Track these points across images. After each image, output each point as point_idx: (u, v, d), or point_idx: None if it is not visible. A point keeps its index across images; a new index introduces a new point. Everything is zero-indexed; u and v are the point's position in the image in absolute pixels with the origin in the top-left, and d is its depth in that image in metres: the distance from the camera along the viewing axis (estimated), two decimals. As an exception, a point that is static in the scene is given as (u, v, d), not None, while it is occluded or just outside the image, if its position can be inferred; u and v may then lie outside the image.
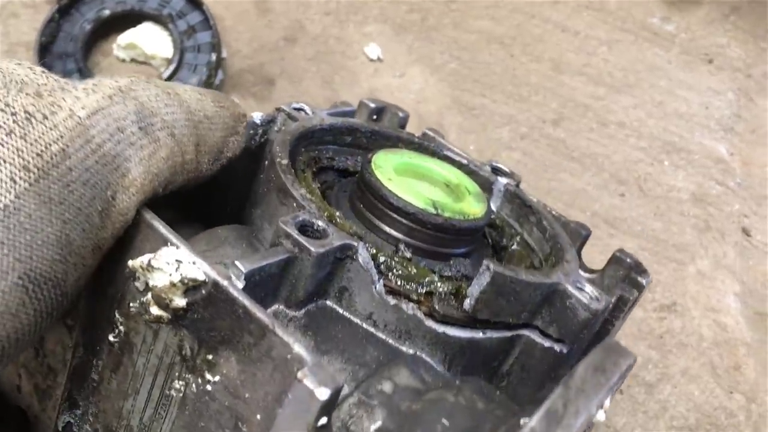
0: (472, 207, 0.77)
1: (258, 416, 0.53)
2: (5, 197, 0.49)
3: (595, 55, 1.81)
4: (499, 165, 0.94)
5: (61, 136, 0.53)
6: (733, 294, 1.56)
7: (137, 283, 0.54)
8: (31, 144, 0.51)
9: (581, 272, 0.86)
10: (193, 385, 0.57)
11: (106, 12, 1.56)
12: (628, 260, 0.83)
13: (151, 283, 0.53)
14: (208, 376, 0.56)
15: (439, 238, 0.73)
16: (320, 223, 0.64)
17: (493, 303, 0.67)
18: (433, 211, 0.72)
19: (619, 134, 1.72)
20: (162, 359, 0.59)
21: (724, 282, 1.58)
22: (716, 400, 1.43)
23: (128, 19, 1.57)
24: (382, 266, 0.66)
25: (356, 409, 0.58)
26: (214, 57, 1.53)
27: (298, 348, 0.50)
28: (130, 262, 0.55)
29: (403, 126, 1.00)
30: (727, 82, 1.85)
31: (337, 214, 0.69)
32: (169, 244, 0.56)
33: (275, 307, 0.63)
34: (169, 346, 0.58)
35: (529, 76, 1.75)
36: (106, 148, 0.56)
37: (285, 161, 0.72)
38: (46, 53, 1.52)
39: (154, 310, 0.54)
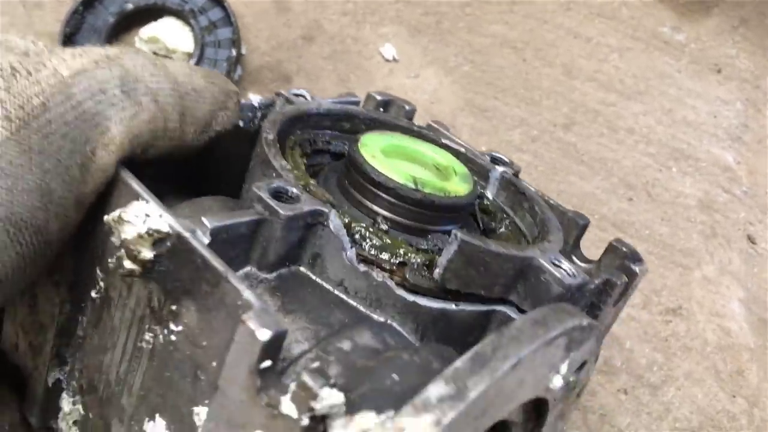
0: (457, 186, 0.78)
1: (214, 363, 0.55)
2: None
3: (607, 62, 1.84)
4: (499, 154, 0.95)
5: (43, 91, 0.57)
6: (737, 300, 1.59)
7: (113, 238, 0.57)
8: (14, 96, 0.55)
9: (578, 262, 0.87)
10: (160, 337, 0.60)
11: (130, 5, 1.59)
12: (624, 249, 0.83)
13: (122, 236, 0.56)
14: (172, 326, 0.59)
15: (419, 214, 0.74)
16: (294, 190, 0.66)
17: (462, 273, 0.67)
18: (412, 186, 0.74)
19: (628, 140, 1.75)
20: (135, 312, 0.62)
21: (729, 288, 1.60)
22: (719, 404, 1.45)
23: (151, 13, 1.60)
24: (356, 236, 0.68)
25: (312, 363, 0.59)
26: (234, 53, 1.56)
27: (248, 295, 0.53)
28: (105, 217, 0.58)
29: (409, 119, 1.01)
30: (735, 92, 1.88)
31: (312, 182, 0.72)
32: (139, 198, 0.60)
33: (247, 268, 0.65)
34: (140, 300, 0.61)
35: (541, 80, 1.78)
36: (87, 106, 0.59)
37: (270, 136, 0.74)
38: (70, 44, 1.54)
39: (127, 264, 0.56)
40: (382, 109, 1.00)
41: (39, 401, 0.73)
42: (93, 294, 0.65)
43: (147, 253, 0.56)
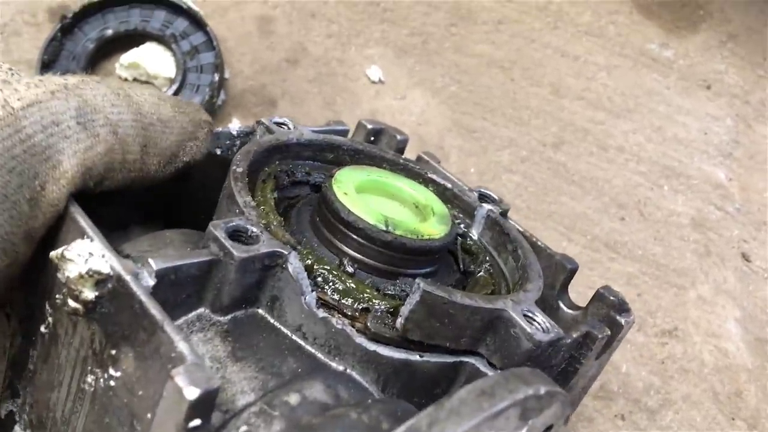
0: (431, 228, 0.75)
1: (148, 415, 0.53)
2: None
3: (595, 80, 1.82)
4: (487, 191, 0.92)
5: None
6: (733, 319, 1.56)
7: (59, 274, 0.55)
8: None
9: (565, 308, 0.84)
10: (101, 380, 0.57)
11: (109, 31, 1.56)
12: (612, 298, 0.80)
13: (65, 274, 0.54)
14: (111, 371, 0.56)
15: (390, 256, 0.71)
16: (254, 229, 0.63)
17: (425, 324, 0.64)
18: (383, 227, 0.71)
19: (618, 158, 1.72)
20: (78, 352, 0.60)
21: (724, 307, 1.57)
22: (718, 427, 1.41)
23: (131, 39, 1.57)
24: (319, 278, 0.65)
25: (255, 418, 0.56)
26: (216, 78, 1.53)
27: (182, 347, 0.50)
28: (51, 253, 0.56)
29: (401, 149, 0.98)
30: (725, 108, 1.87)
31: (277, 220, 0.69)
32: (84, 236, 0.57)
33: (200, 310, 0.63)
34: (84, 340, 0.59)
35: (529, 99, 1.76)
36: (37, 139, 0.57)
37: (240, 169, 0.71)
38: (48, 71, 1.52)
39: (70, 302, 0.54)
40: (372, 138, 0.98)
41: None
42: (42, 329, 0.63)
43: (88, 294, 0.54)
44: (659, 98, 1.84)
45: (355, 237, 0.70)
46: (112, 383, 0.56)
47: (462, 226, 0.87)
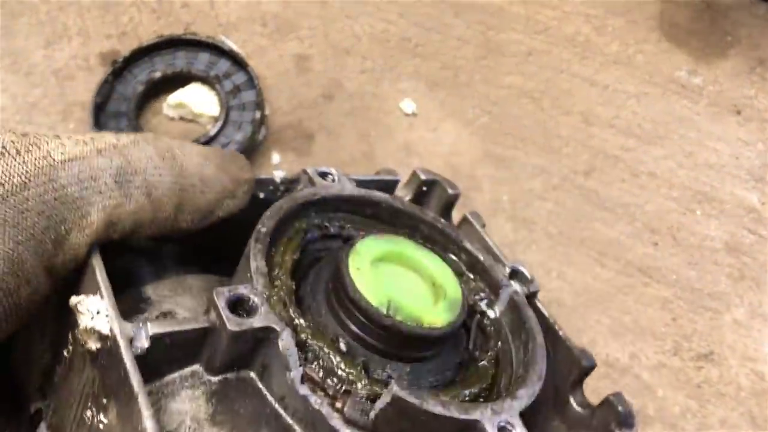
0: (437, 315, 0.73)
1: None
2: None
3: (624, 108, 1.86)
4: (521, 268, 0.88)
5: (26, 172, 0.60)
6: (770, 343, 1.56)
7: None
8: None
9: (575, 405, 0.82)
10: (95, 420, 0.62)
11: (157, 74, 1.65)
12: (619, 408, 0.76)
13: (78, 322, 0.59)
14: (102, 417, 0.61)
15: (387, 338, 0.71)
16: (255, 300, 0.65)
17: (395, 423, 0.65)
18: (383, 311, 0.70)
19: (650, 184, 1.75)
20: (84, 386, 0.64)
21: (760, 331, 1.57)
22: (757, 451, 1.41)
23: (177, 80, 1.66)
24: (309, 354, 0.66)
25: None
26: (258, 114, 1.61)
27: (148, 422, 0.53)
28: (70, 299, 0.61)
29: (451, 203, 0.96)
30: (755, 132, 1.88)
31: (282, 292, 0.70)
32: (97, 292, 0.61)
33: (195, 366, 0.65)
34: (89, 378, 0.63)
35: (560, 128, 1.80)
36: (70, 191, 0.62)
37: (264, 229, 0.72)
38: (101, 113, 1.61)
39: (80, 347, 0.60)
40: (425, 188, 0.96)
41: (24, 425, 0.75)
42: (65, 353, 0.68)
43: (92, 345, 0.59)
44: (689, 124, 1.86)
45: (356, 314, 0.71)
46: (101, 427, 0.60)
47: (485, 302, 0.86)
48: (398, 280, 0.75)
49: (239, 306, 0.64)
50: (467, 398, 0.73)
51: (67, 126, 1.62)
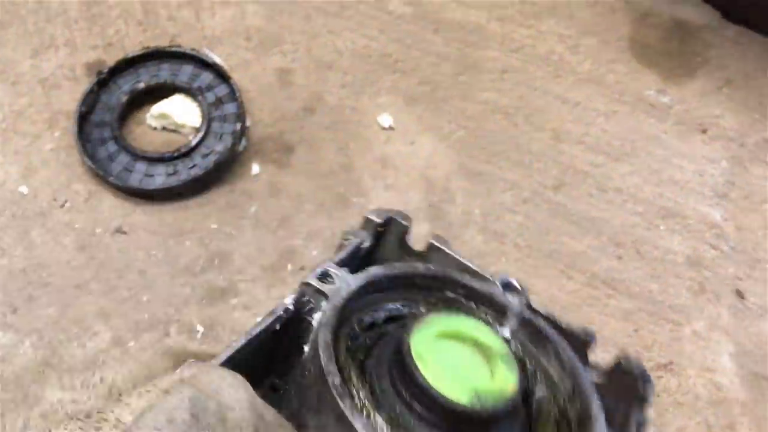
0: (505, 378, 0.71)
1: None
2: None
3: (594, 125, 1.93)
4: (510, 279, 0.89)
5: None
6: (727, 354, 1.63)
7: None
8: None
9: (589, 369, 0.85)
10: None
11: (141, 84, 1.70)
12: (634, 369, 0.83)
13: None
14: None
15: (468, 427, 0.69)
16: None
17: None
18: (477, 404, 0.68)
19: (617, 199, 1.82)
20: None
21: (719, 342, 1.64)
22: (712, 458, 1.48)
23: (161, 91, 1.71)
24: None
25: None
26: (239, 126, 1.66)
27: None
28: None
29: (404, 234, 0.95)
30: (720, 150, 1.95)
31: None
32: None
33: None
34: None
35: (532, 144, 1.87)
36: None
37: (338, 380, 0.68)
38: (85, 122, 1.66)
39: None
40: (380, 229, 0.95)
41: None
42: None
43: None
44: (656, 142, 1.93)
45: (439, 415, 0.68)
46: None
47: (497, 325, 0.85)
48: (455, 359, 0.72)
49: None
50: None
51: (53, 134, 1.67)
